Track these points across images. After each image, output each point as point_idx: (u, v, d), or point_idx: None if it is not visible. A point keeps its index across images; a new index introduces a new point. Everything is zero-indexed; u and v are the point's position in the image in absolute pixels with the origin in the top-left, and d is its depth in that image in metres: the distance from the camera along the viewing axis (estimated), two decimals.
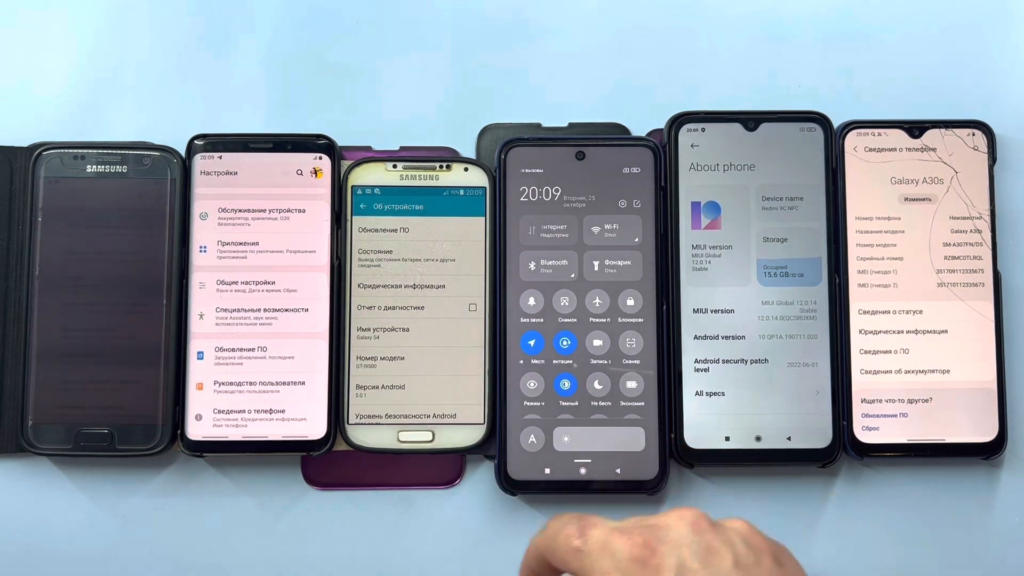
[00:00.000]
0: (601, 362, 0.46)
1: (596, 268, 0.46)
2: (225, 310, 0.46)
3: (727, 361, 0.46)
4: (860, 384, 0.46)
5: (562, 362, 0.46)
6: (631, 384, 0.46)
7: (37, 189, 0.46)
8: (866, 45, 0.50)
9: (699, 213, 0.46)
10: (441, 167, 0.47)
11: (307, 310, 0.46)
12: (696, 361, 0.46)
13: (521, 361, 0.46)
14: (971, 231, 0.47)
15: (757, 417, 0.45)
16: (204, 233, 0.46)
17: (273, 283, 0.46)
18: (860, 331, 0.46)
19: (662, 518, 0.33)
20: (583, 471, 0.45)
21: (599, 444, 0.45)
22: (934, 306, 0.46)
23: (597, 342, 0.46)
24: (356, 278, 0.46)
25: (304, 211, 0.46)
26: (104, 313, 0.45)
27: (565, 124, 0.49)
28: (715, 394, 0.45)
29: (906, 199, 0.47)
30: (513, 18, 0.50)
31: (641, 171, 0.47)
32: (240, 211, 0.46)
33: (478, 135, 0.48)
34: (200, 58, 0.49)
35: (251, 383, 0.45)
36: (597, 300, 0.46)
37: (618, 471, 0.45)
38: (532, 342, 0.46)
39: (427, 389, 0.46)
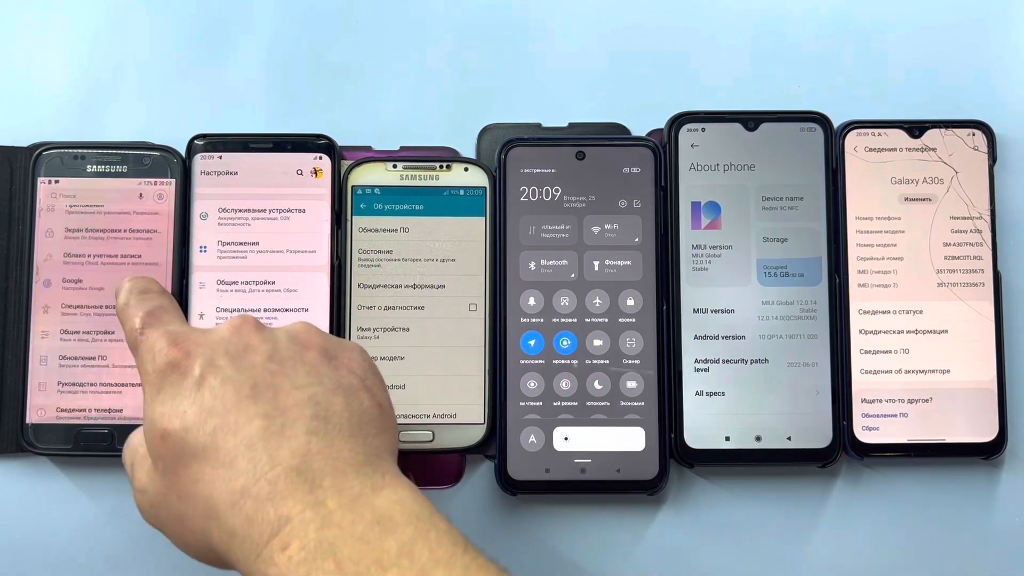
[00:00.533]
0: (601, 362, 0.46)
1: (596, 268, 0.46)
2: (225, 310, 0.46)
3: (727, 361, 0.46)
4: (860, 384, 0.46)
5: (562, 362, 0.46)
6: (631, 384, 0.46)
7: (37, 189, 0.46)
8: (866, 45, 0.50)
9: (699, 213, 0.46)
10: (441, 167, 0.47)
11: (307, 310, 0.46)
12: (696, 361, 0.46)
13: (521, 361, 0.46)
14: (971, 231, 0.47)
15: (757, 417, 0.45)
16: (204, 233, 0.46)
17: (273, 283, 0.46)
18: (860, 331, 0.46)
19: (212, 328, 0.35)
20: (583, 471, 0.45)
21: (599, 444, 0.45)
22: (934, 306, 0.46)
23: (597, 342, 0.46)
24: (356, 278, 0.46)
25: (304, 211, 0.46)
26: (104, 313, 0.45)
27: (565, 124, 0.49)
28: (715, 394, 0.45)
29: (906, 199, 0.47)
30: (513, 18, 0.50)
31: (641, 171, 0.47)
32: (240, 211, 0.46)
33: (478, 135, 0.48)
34: (200, 58, 0.49)
35: None
36: (597, 300, 0.46)
37: (618, 471, 0.45)
38: (532, 342, 0.46)
39: (427, 389, 0.46)
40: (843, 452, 0.46)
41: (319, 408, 0.33)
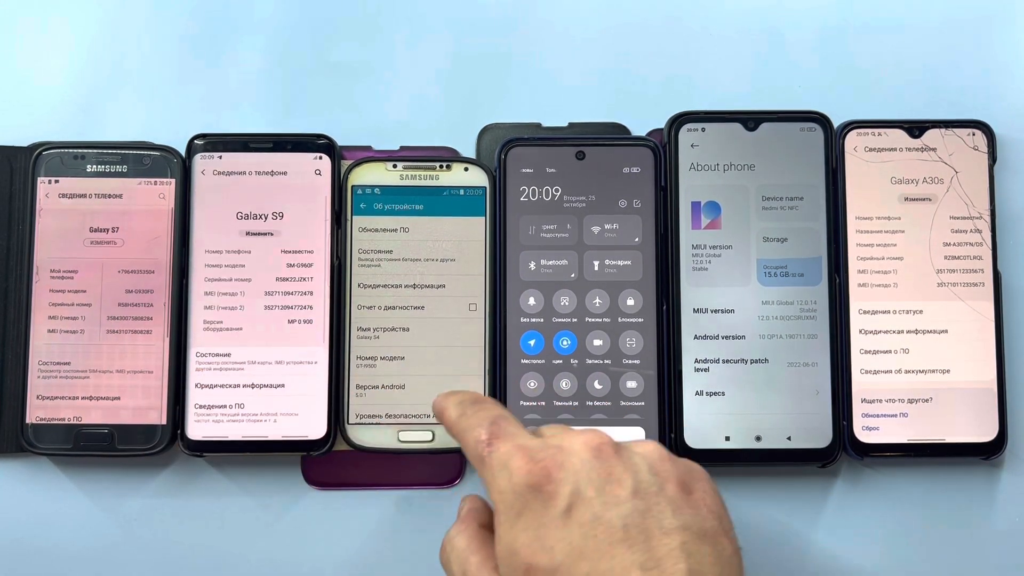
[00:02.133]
0: (601, 362, 0.46)
1: (596, 268, 0.46)
2: (224, 309, 0.46)
3: (727, 361, 0.46)
4: (860, 384, 0.46)
5: (562, 362, 0.46)
6: (631, 384, 0.46)
7: (37, 189, 0.46)
8: (866, 45, 0.50)
9: (699, 213, 0.46)
10: (441, 167, 0.47)
11: (310, 307, 0.46)
12: (696, 361, 0.46)
13: (521, 361, 0.46)
14: (971, 231, 0.47)
15: (757, 417, 0.45)
16: (204, 233, 0.46)
17: (274, 283, 0.46)
18: (860, 331, 0.46)
19: (567, 439, 0.32)
20: None
21: None
22: (934, 306, 0.46)
23: (597, 342, 0.46)
24: (356, 278, 0.46)
25: (304, 211, 0.46)
26: (104, 313, 0.45)
27: (565, 124, 0.49)
28: (715, 394, 0.45)
29: (906, 199, 0.47)
30: (513, 18, 0.50)
31: (641, 171, 0.47)
32: (240, 211, 0.46)
33: (478, 135, 0.49)
34: (200, 58, 0.49)
35: (251, 383, 0.45)
36: (597, 300, 0.46)
37: None
38: (532, 342, 0.46)
39: (427, 389, 0.46)
40: (843, 452, 0.46)
41: (692, 560, 0.29)
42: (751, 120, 0.47)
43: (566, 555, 0.29)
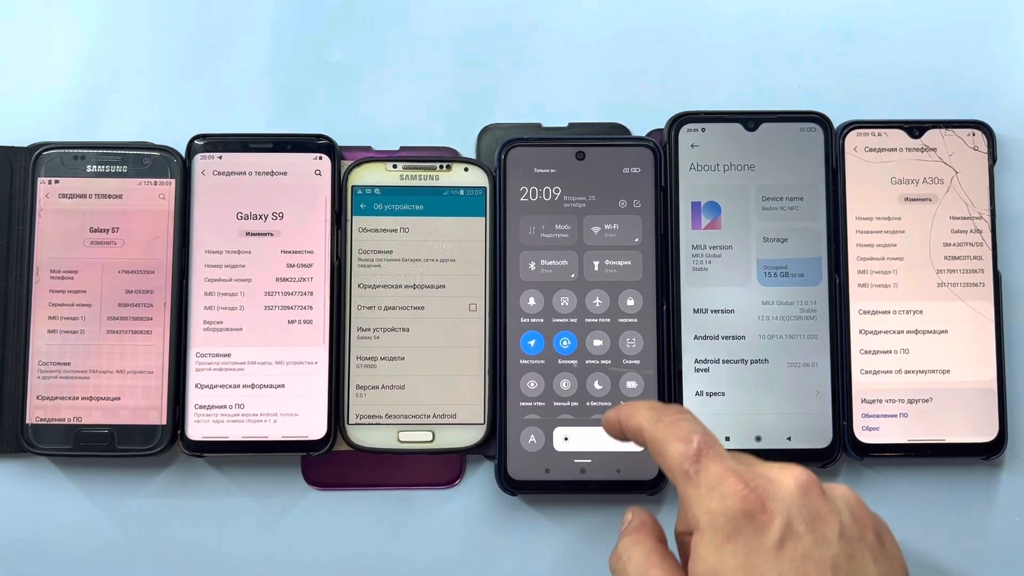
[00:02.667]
0: (601, 362, 0.46)
1: (596, 268, 0.46)
2: (223, 309, 0.46)
3: (727, 361, 0.46)
4: (860, 384, 0.46)
5: (562, 362, 0.46)
6: (631, 384, 0.46)
7: (37, 189, 0.46)
8: (866, 45, 0.50)
9: (699, 213, 0.46)
10: (441, 167, 0.47)
11: (310, 308, 0.46)
12: (696, 361, 0.46)
13: (521, 361, 0.46)
14: (971, 231, 0.47)
15: (757, 417, 0.45)
16: (204, 233, 0.46)
17: (274, 283, 0.46)
18: (860, 331, 0.46)
19: (774, 471, 0.32)
20: (583, 471, 0.45)
21: (599, 444, 0.45)
22: (934, 306, 0.46)
23: (597, 342, 0.46)
24: (356, 278, 0.46)
25: (304, 211, 0.46)
26: (104, 313, 0.45)
27: (565, 124, 0.49)
28: (715, 394, 0.45)
29: (906, 199, 0.47)
30: (513, 18, 0.50)
31: (641, 171, 0.47)
32: (240, 211, 0.46)
33: (478, 135, 0.48)
34: (200, 58, 0.49)
35: (251, 383, 0.45)
36: (597, 300, 0.46)
37: (618, 471, 0.45)
38: (532, 342, 0.46)
39: (427, 389, 0.46)
40: (843, 452, 0.46)
41: None
42: (751, 120, 0.47)
43: None
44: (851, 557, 0.31)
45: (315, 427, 0.45)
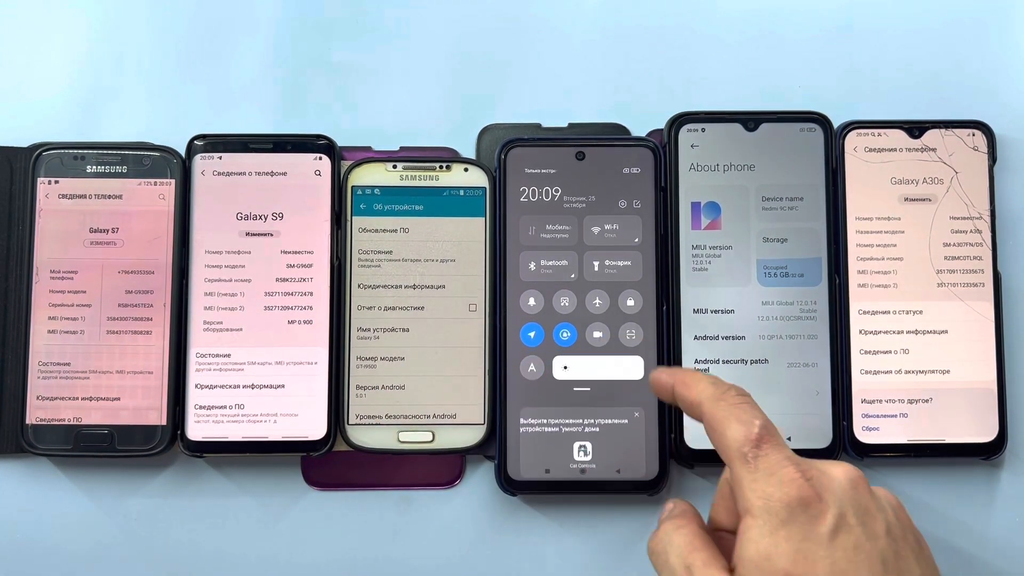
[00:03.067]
0: None
1: (596, 268, 0.46)
2: (223, 309, 0.46)
3: (727, 361, 0.46)
4: (860, 384, 0.46)
5: None
6: None
7: (37, 189, 0.46)
8: (866, 45, 0.50)
9: (699, 213, 0.46)
10: (441, 167, 0.47)
11: (310, 308, 0.46)
12: (696, 361, 0.46)
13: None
14: (971, 231, 0.47)
15: None
16: (204, 233, 0.46)
17: (274, 283, 0.46)
18: (860, 331, 0.46)
19: (827, 465, 0.33)
20: (583, 471, 0.45)
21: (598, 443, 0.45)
22: (934, 306, 0.46)
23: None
24: (356, 278, 0.46)
25: (304, 211, 0.46)
26: (104, 313, 0.45)
27: (565, 124, 0.49)
28: None
29: (906, 199, 0.47)
30: (513, 18, 0.50)
31: (641, 171, 0.47)
32: (240, 211, 0.46)
33: (478, 135, 0.48)
34: (200, 58, 0.49)
35: (251, 383, 0.45)
36: (597, 300, 0.46)
37: (618, 471, 0.45)
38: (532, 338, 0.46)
39: (427, 389, 0.46)
40: (843, 452, 0.46)
41: None
42: (751, 120, 0.47)
43: (826, 572, 0.30)
44: (897, 554, 0.32)
45: (315, 427, 0.45)
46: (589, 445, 0.45)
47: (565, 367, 0.45)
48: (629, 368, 0.45)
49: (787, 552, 0.31)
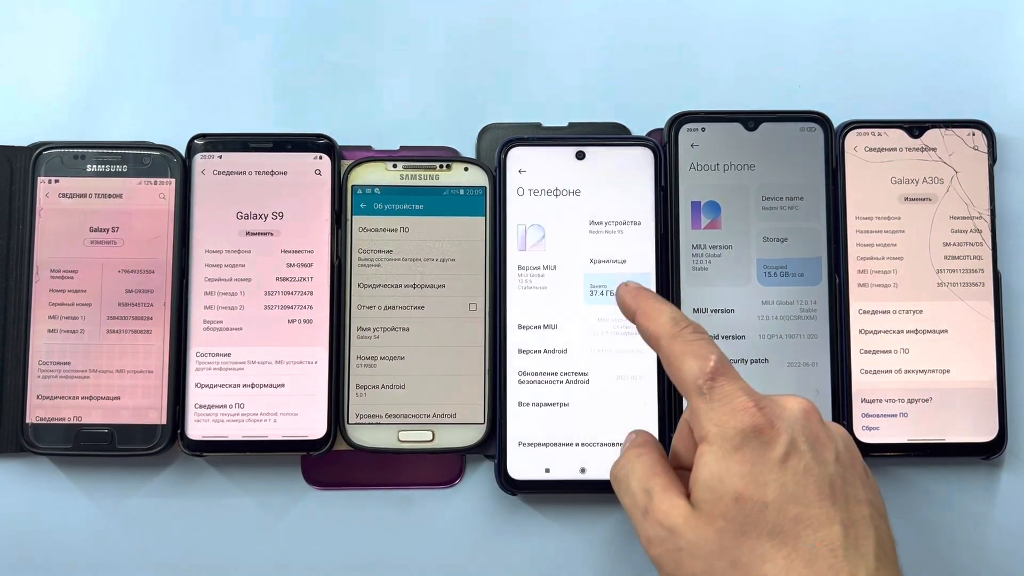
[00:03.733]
0: None
1: (596, 268, 0.46)
2: (223, 309, 0.46)
3: None
4: (860, 384, 0.46)
5: None
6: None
7: (37, 189, 0.46)
8: (866, 44, 0.50)
9: (699, 213, 0.46)
10: (441, 167, 0.47)
11: (310, 307, 0.46)
12: None
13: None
14: (971, 231, 0.47)
15: None
16: (204, 233, 0.46)
17: (274, 283, 0.46)
18: (860, 331, 0.46)
19: (781, 397, 0.34)
20: (583, 471, 0.45)
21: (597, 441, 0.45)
22: (934, 306, 0.46)
23: None
24: (356, 278, 0.46)
25: (304, 211, 0.46)
26: (104, 313, 0.45)
27: (565, 124, 0.49)
28: None
29: (906, 199, 0.47)
30: (513, 18, 0.50)
31: (641, 171, 0.47)
32: (240, 211, 0.46)
33: (478, 135, 0.49)
34: (200, 58, 0.49)
35: (251, 383, 0.45)
36: None
37: None
38: None
39: (427, 389, 0.46)
40: None
41: (878, 533, 0.33)
42: (751, 120, 0.47)
43: (778, 495, 0.31)
44: (844, 479, 0.33)
45: (315, 427, 0.45)
46: (589, 445, 0.45)
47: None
48: (629, 368, 0.45)
49: (739, 474, 0.32)
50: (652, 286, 0.46)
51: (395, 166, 0.47)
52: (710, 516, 0.32)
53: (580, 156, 0.47)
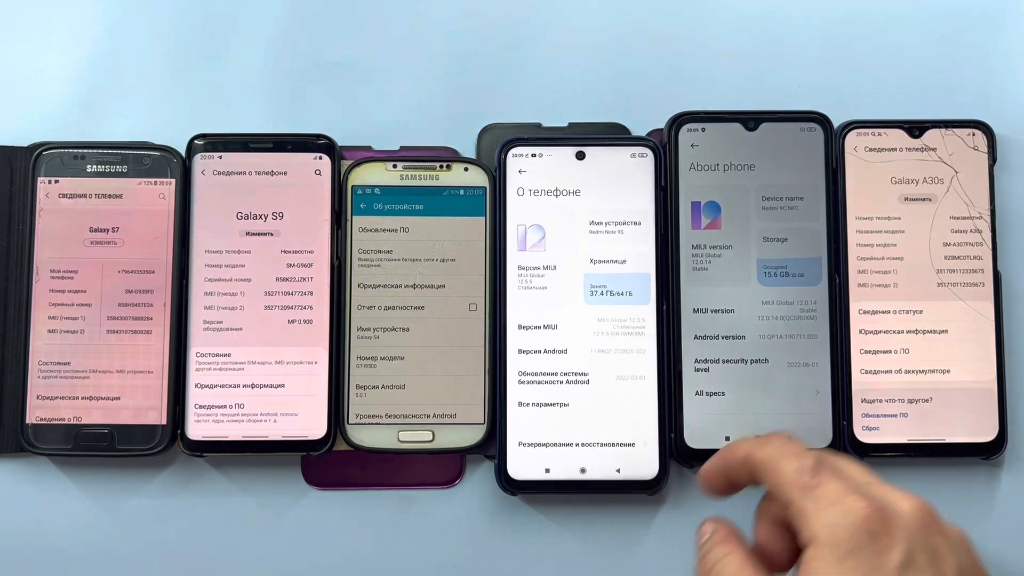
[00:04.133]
0: None
1: (596, 268, 0.46)
2: (223, 309, 0.46)
3: (727, 361, 0.46)
4: (860, 384, 0.46)
5: None
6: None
7: (37, 189, 0.46)
8: (866, 45, 0.50)
9: (699, 213, 0.46)
10: (441, 167, 0.47)
11: (310, 308, 0.46)
12: (696, 361, 0.46)
13: None
14: (971, 231, 0.47)
15: (757, 417, 0.45)
16: (204, 233, 0.46)
17: (275, 283, 0.46)
18: (860, 331, 0.46)
19: (893, 495, 0.32)
20: (583, 471, 0.45)
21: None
22: (934, 306, 0.46)
23: None
24: (356, 278, 0.46)
25: (304, 211, 0.46)
26: (104, 313, 0.45)
27: (565, 124, 0.49)
28: (715, 394, 0.45)
29: (906, 199, 0.47)
30: (513, 18, 0.50)
31: (641, 171, 0.47)
32: (240, 211, 0.46)
33: (478, 135, 0.49)
34: (200, 58, 0.49)
35: (251, 383, 0.45)
36: None
37: (618, 471, 0.45)
38: None
39: (427, 389, 0.46)
40: (843, 452, 0.46)
41: None
42: (751, 120, 0.47)
43: None
44: None
45: (315, 427, 0.45)
46: (589, 445, 0.45)
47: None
48: (629, 368, 0.45)
49: None
50: (652, 286, 0.46)
51: (395, 166, 0.47)
52: None
53: (580, 156, 0.47)
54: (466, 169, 0.47)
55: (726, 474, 0.35)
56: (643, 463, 0.45)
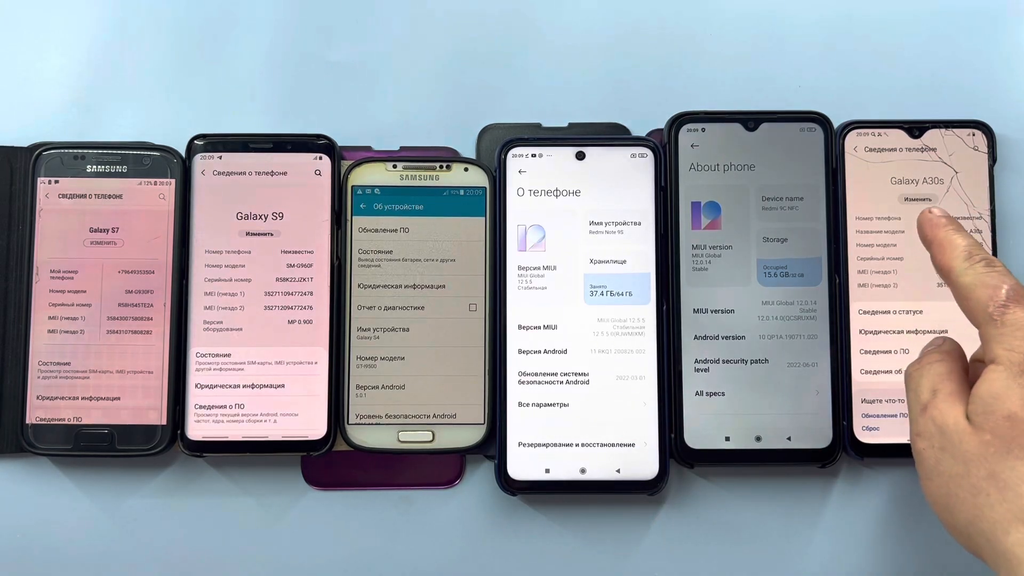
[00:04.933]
0: None
1: (596, 268, 0.46)
2: (223, 309, 0.46)
3: (727, 361, 0.46)
4: (860, 384, 0.46)
5: None
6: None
7: (37, 189, 0.46)
8: (866, 44, 0.50)
9: (699, 213, 0.46)
10: (441, 167, 0.47)
11: (310, 308, 0.46)
12: (696, 361, 0.46)
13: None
14: (971, 231, 0.47)
15: (757, 417, 0.45)
16: (204, 233, 0.46)
17: (275, 283, 0.46)
18: (860, 331, 0.46)
19: None
20: (583, 471, 0.45)
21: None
22: (934, 306, 0.46)
23: None
24: (356, 278, 0.46)
25: (304, 211, 0.46)
26: (104, 313, 0.45)
27: (565, 124, 0.49)
28: (715, 394, 0.45)
29: (906, 199, 0.47)
30: (513, 18, 0.50)
31: (641, 171, 0.47)
32: (240, 211, 0.46)
33: (478, 135, 0.49)
34: (200, 58, 0.49)
35: (251, 383, 0.45)
36: None
37: (618, 471, 0.45)
38: None
39: (427, 389, 0.46)
40: (843, 452, 0.46)
41: None
42: (751, 120, 0.47)
43: None
44: None
45: (315, 427, 0.45)
46: (589, 445, 0.45)
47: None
48: (629, 368, 0.45)
49: (1018, 396, 0.33)
50: (652, 286, 0.46)
51: (395, 166, 0.47)
52: (980, 428, 0.34)
53: (580, 156, 0.47)
54: (466, 169, 0.47)
55: (928, 248, 0.38)
56: (643, 463, 0.45)
